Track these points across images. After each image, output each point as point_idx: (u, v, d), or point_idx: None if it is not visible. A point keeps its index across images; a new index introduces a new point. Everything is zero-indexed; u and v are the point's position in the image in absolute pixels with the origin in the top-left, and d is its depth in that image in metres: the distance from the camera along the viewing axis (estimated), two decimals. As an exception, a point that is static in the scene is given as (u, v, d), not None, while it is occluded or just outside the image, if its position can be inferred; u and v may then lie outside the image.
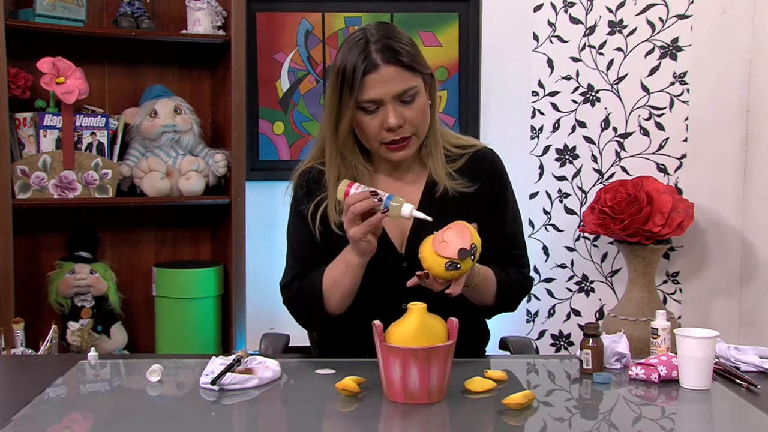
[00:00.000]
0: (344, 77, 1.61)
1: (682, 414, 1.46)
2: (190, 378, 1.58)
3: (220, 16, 2.99)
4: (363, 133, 1.66)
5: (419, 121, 1.65)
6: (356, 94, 1.60)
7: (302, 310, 1.72)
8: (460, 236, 1.47)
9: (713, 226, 3.23)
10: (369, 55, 1.60)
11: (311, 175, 1.76)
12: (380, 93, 1.60)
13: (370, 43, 1.61)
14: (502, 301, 1.74)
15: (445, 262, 1.46)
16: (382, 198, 1.53)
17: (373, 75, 1.60)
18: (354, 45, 1.62)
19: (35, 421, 1.34)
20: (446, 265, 1.46)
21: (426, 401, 1.40)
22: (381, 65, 1.60)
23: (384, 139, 1.65)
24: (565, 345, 3.30)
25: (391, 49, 1.61)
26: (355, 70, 1.60)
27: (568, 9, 3.20)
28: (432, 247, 1.48)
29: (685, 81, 3.19)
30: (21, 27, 2.70)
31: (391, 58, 1.60)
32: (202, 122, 3.03)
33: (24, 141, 2.72)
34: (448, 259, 1.46)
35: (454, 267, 1.46)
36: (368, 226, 1.52)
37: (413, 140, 1.67)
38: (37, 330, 2.55)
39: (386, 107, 1.61)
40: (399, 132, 1.63)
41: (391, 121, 1.61)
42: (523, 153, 3.24)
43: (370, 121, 1.63)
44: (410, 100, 1.63)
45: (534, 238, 3.25)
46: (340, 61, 1.63)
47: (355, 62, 1.60)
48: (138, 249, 3.11)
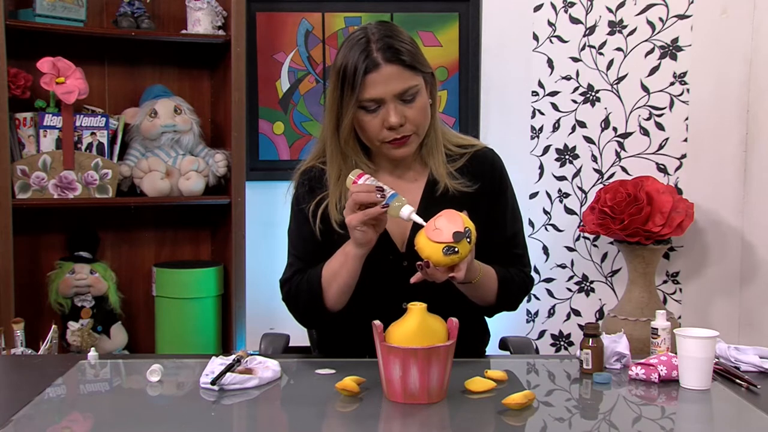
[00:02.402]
0: (345, 76, 1.61)
1: (682, 414, 1.46)
2: (190, 378, 1.58)
3: (220, 16, 2.99)
4: (364, 132, 1.66)
5: (420, 119, 1.66)
6: (357, 93, 1.60)
7: (301, 304, 1.72)
8: (452, 221, 1.48)
9: (713, 226, 3.23)
10: (370, 54, 1.60)
11: (312, 174, 1.77)
12: (381, 92, 1.61)
13: (371, 42, 1.61)
14: (503, 298, 1.74)
15: (442, 247, 1.46)
16: (386, 195, 1.54)
17: (375, 74, 1.60)
18: (355, 44, 1.62)
19: (35, 421, 1.34)
20: (444, 250, 1.46)
21: (426, 401, 1.40)
22: (382, 64, 1.60)
23: (385, 138, 1.65)
24: (565, 345, 3.30)
25: (392, 48, 1.61)
26: (356, 69, 1.60)
27: (568, 9, 3.20)
28: (426, 236, 1.48)
29: (685, 81, 3.19)
30: (21, 27, 2.70)
31: (392, 57, 1.60)
32: (202, 122, 3.03)
33: (24, 141, 2.72)
34: (444, 243, 1.46)
35: (452, 251, 1.47)
36: (365, 216, 1.52)
37: (414, 138, 1.67)
38: (37, 330, 2.54)
39: (387, 106, 1.62)
40: (400, 131, 1.64)
41: (392, 120, 1.61)
42: (523, 153, 3.24)
43: (371, 120, 1.64)
44: (411, 99, 1.63)
45: (534, 238, 3.25)
46: (341, 60, 1.64)
47: (356, 61, 1.60)
48: (138, 249, 3.11)
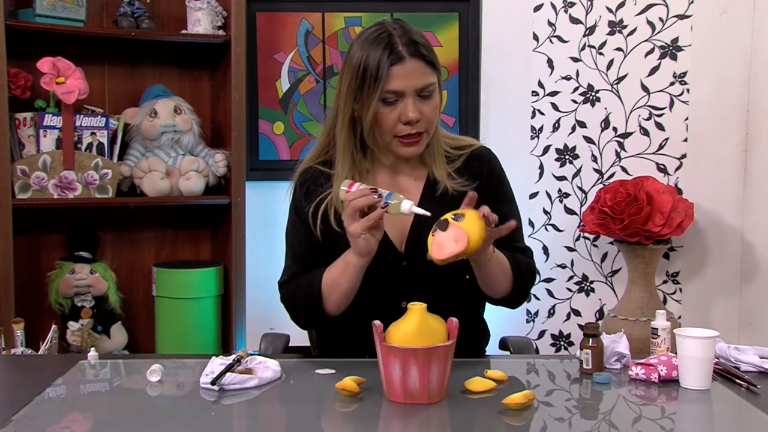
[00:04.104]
0: (367, 69, 1.62)
1: (682, 414, 1.46)
2: (190, 378, 1.57)
3: (220, 16, 2.99)
4: (378, 125, 1.67)
5: (433, 117, 1.68)
6: (382, 84, 1.61)
7: (299, 307, 1.73)
8: (456, 239, 1.46)
9: (713, 226, 3.23)
10: (395, 47, 1.62)
11: (309, 175, 1.77)
12: (404, 85, 1.62)
13: (394, 36, 1.63)
14: (517, 283, 1.71)
15: (446, 263, 1.48)
16: (382, 195, 1.54)
17: (399, 67, 1.61)
18: (376, 38, 1.63)
19: (35, 421, 1.34)
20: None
21: (426, 401, 1.40)
22: (407, 58, 1.62)
23: (399, 132, 1.66)
24: (565, 345, 3.30)
25: (415, 43, 1.63)
26: (380, 62, 1.61)
27: (568, 9, 3.19)
28: (430, 251, 1.48)
29: (685, 81, 3.19)
30: (21, 27, 2.70)
31: (415, 52, 1.62)
32: (202, 122, 3.03)
33: (24, 141, 2.72)
34: (445, 260, 1.47)
35: (456, 259, 1.48)
36: (368, 221, 1.53)
37: (424, 137, 1.69)
38: (37, 330, 2.54)
39: (406, 100, 1.63)
40: (415, 126, 1.65)
41: (411, 114, 1.63)
42: (523, 153, 3.24)
43: (389, 113, 1.64)
44: (429, 96, 1.65)
45: (534, 238, 3.25)
46: (360, 54, 1.64)
47: (380, 54, 1.61)
48: (138, 249, 3.11)
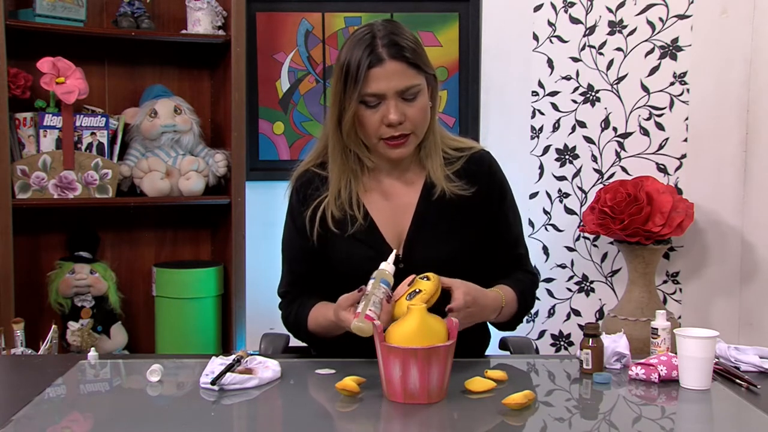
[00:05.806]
0: (349, 70, 1.62)
1: (682, 414, 1.46)
2: (190, 378, 1.58)
3: (220, 16, 2.99)
4: (363, 127, 1.66)
5: (419, 119, 1.66)
6: (360, 87, 1.61)
7: (292, 332, 1.83)
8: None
9: (713, 226, 3.23)
10: (375, 49, 1.61)
11: (306, 179, 1.78)
12: (383, 87, 1.61)
13: (376, 38, 1.62)
14: (524, 309, 1.79)
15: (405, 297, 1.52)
16: (364, 287, 1.53)
17: (378, 69, 1.61)
18: (360, 40, 1.63)
19: (35, 421, 1.34)
20: (407, 298, 1.51)
21: (426, 401, 1.40)
22: (386, 60, 1.61)
23: (383, 135, 1.65)
24: (565, 345, 3.30)
25: (397, 45, 1.62)
26: (360, 64, 1.61)
27: (568, 9, 3.19)
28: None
29: (685, 81, 3.19)
30: (21, 27, 2.70)
31: (396, 54, 1.61)
32: (202, 122, 3.03)
33: (24, 141, 2.72)
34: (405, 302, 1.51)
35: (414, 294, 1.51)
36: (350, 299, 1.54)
37: (411, 138, 1.67)
38: (37, 330, 2.54)
39: (388, 102, 1.62)
40: (398, 129, 1.64)
41: (392, 116, 1.62)
42: (523, 153, 3.24)
43: (371, 115, 1.64)
44: (412, 98, 1.64)
45: (534, 238, 3.25)
46: (345, 55, 1.64)
47: (360, 56, 1.61)
48: (138, 249, 3.11)
